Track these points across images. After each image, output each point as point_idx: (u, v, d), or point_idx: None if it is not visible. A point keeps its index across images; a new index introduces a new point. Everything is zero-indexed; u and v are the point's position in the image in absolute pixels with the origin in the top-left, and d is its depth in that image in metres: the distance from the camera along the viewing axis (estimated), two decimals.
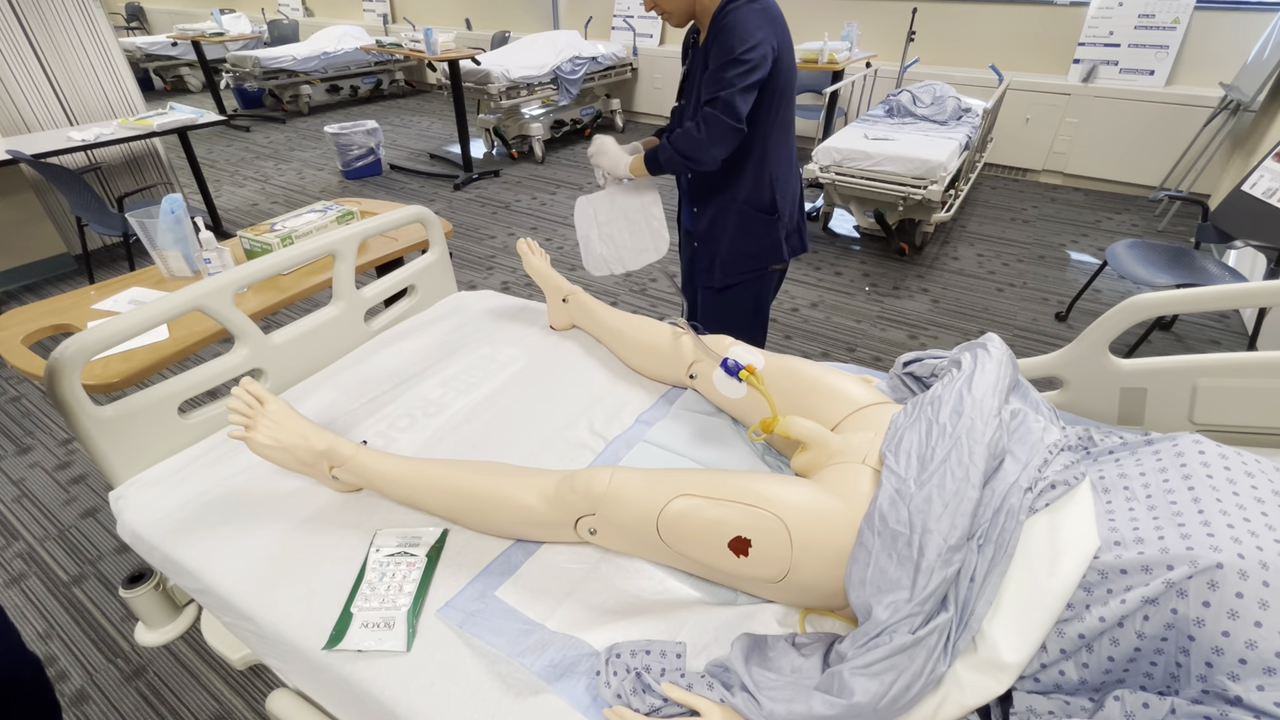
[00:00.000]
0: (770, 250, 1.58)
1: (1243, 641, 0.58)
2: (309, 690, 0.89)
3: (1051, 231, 3.80)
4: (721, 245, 1.60)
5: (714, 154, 1.39)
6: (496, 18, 6.90)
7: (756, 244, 1.57)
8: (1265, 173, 2.49)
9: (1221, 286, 1.08)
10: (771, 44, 1.35)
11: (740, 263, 1.61)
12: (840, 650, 0.71)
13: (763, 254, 1.59)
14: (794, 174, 1.57)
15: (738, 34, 1.32)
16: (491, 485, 0.96)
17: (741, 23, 1.33)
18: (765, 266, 1.61)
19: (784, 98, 1.44)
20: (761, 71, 1.34)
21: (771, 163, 1.50)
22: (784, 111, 1.46)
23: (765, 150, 1.48)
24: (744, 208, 1.54)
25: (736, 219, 1.56)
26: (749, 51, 1.32)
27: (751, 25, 1.33)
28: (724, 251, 1.60)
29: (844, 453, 0.90)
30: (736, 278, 1.63)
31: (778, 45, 1.36)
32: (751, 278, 1.64)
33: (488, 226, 3.92)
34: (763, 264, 1.61)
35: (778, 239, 1.56)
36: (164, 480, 1.08)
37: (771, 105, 1.42)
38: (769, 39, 1.34)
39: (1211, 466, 0.72)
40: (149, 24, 9.49)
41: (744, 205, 1.54)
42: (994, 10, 4.56)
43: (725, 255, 1.61)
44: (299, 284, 1.69)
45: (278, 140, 5.73)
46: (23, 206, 3.20)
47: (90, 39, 3.28)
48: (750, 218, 1.55)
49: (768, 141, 1.47)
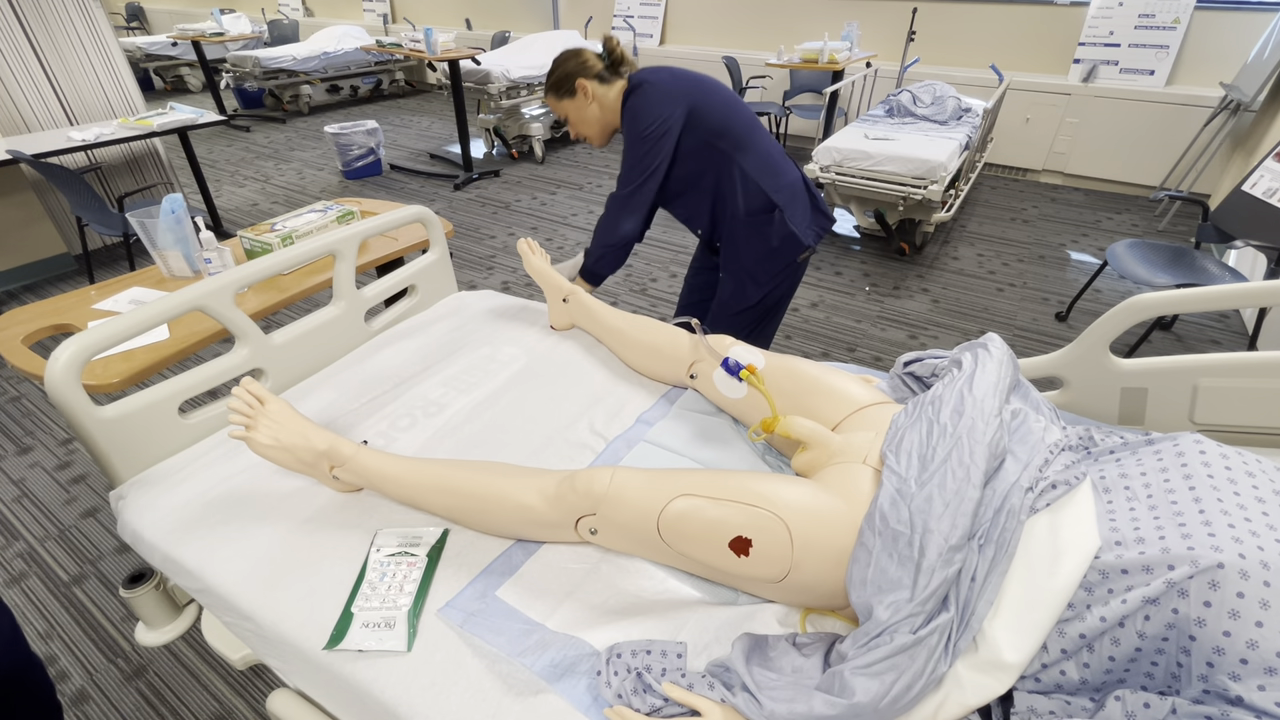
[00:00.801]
0: (788, 243, 1.59)
1: (1244, 641, 0.58)
2: (309, 690, 0.89)
3: (1052, 231, 3.80)
4: (745, 260, 1.64)
5: (625, 228, 1.55)
6: (496, 18, 6.90)
7: (771, 244, 1.60)
8: (1265, 172, 2.49)
9: (1221, 286, 1.08)
10: (675, 111, 1.47)
11: (767, 266, 1.63)
12: (841, 650, 0.71)
13: (783, 249, 1.60)
14: (779, 166, 1.59)
15: (637, 119, 1.48)
16: (492, 485, 0.95)
17: (637, 107, 1.48)
18: (792, 259, 1.63)
19: (725, 124, 1.51)
20: (668, 140, 1.47)
21: (750, 170, 1.54)
22: (734, 129, 1.52)
23: (736, 165, 1.53)
24: (747, 219, 1.58)
25: (745, 231, 1.60)
26: (649, 130, 1.46)
27: (648, 106, 1.47)
28: (749, 264, 1.64)
29: (845, 452, 0.90)
30: (770, 283, 1.66)
31: (691, 103, 1.48)
32: (783, 277, 1.66)
33: (488, 226, 3.92)
34: (789, 259, 1.62)
35: (789, 231, 1.57)
36: (164, 480, 1.08)
37: (714, 137, 1.51)
38: (671, 109, 1.47)
39: (1212, 466, 0.72)
40: (149, 24, 9.49)
41: (746, 218, 1.58)
42: (994, 10, 4.56)
43: (750, 267, 1.64)
44: (299, 284, 1.69)
45: (278, 140, 5.73)
46: (23, 206, 3.20)
47: (90, 39, 3.28)
48: (757, 224, 1.58)
49: (733, 159, 1.53)
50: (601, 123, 1.57)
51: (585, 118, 1.57)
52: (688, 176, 1.56)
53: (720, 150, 1.51)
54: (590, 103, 1.54)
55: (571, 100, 1.54)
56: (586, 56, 1.53)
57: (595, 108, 1.54)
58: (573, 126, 1.62)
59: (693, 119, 1.48)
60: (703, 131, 1.49)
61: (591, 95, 1.52)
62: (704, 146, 1.50)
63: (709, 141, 1.50)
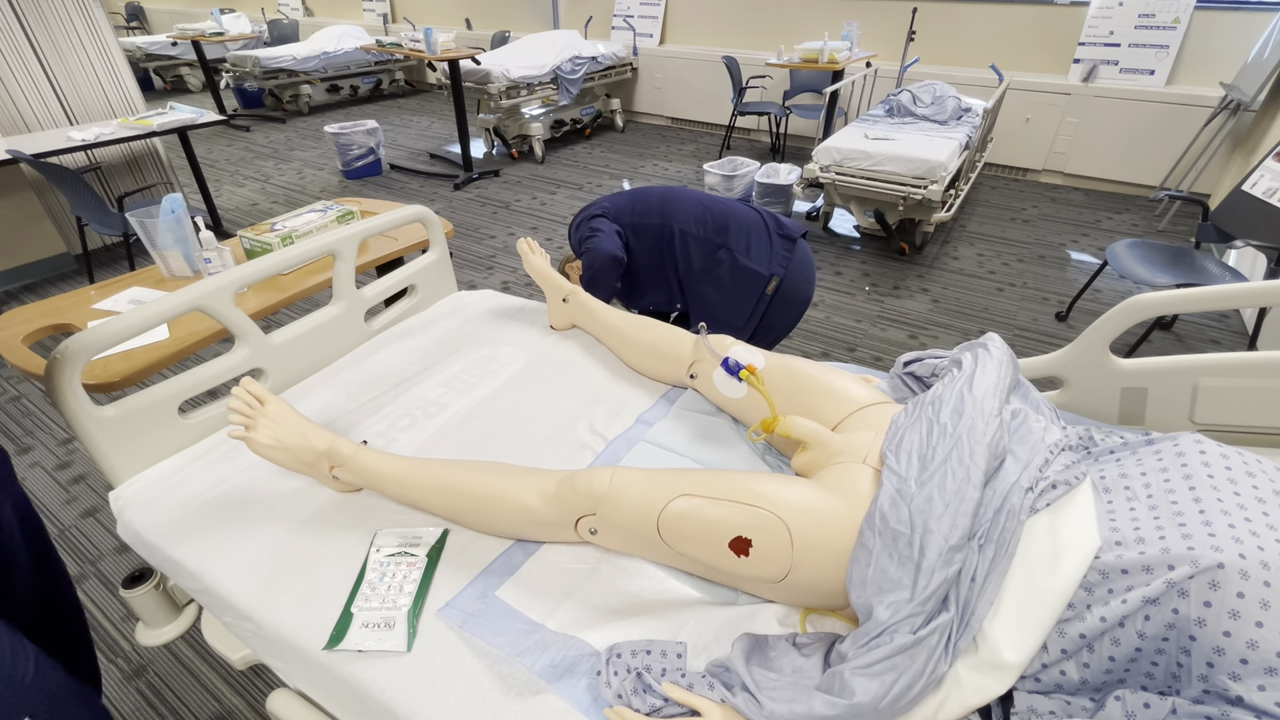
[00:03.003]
0: (746, 278, 1.62)
1: (1244, 641, 0.58)
2: (309, 690, 0.89)
3: (1052, 231, 3.80)
4: (711, 308, 1.69)
5: (605, 247, 1.67)
6: (496, 18, 6.90)
7: (726, 284, 1.64)
8: (1265, 172, 2.49)
9: (1221, 286, 1.08)
10: (598, 222, 1.70)
11: (734, 306, 1.66)
12: (841, 650, 0.71)
13: (742, 285, 1.63)
14: (720, 210, 1.66)
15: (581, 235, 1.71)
16: (492, 485, 0.95)
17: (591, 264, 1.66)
18: (759, 292, 1.63)
19: (650, 204, 1.72)
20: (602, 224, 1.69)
21: (690, 227, 1.66)
22: (664, 205, 1.70)
23: (675, 230, 1.67)
24: (701, 271, 1.67)
25: (700, 284, 1.69)
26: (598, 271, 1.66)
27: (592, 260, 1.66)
28: (716, 312, 1.68)
29: (844, 452, 0.90)
30: (746, 324, 1.66)
31: (610, 208, 1.73)
32: (758, 312, 1.66)
33: (488, 226, 3.92)
34: (755, 293, 1.63)
35: (742, 266, 1.61)
36: (164, 480, 1.08)
37: (643, 217, 1.71)
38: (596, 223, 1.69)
39: (1212, 466, 0.72)
40: (149, 24, 9.49)
41: (700, 271, 1.66)
42: (994, 10, 4.56)
43: (718, 314, 1.67)
44: (299, 284, 1.69)
45: (278, 140, 5.73)
46: (23, 206, 3.19)
47: (90, 39, 3.28)
48: (709, 269, 1.65)
49: (670, 227, 1.68)
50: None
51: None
52: (640, 267, 1.74)
53: (656, 225, 1.68)
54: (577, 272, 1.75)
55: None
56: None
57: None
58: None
59: (619, 216, 1.71)
60: (633, 218, 1.70)
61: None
62: (639, 229, 1.69)
63: (642, 223, 1.69)
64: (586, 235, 1.70)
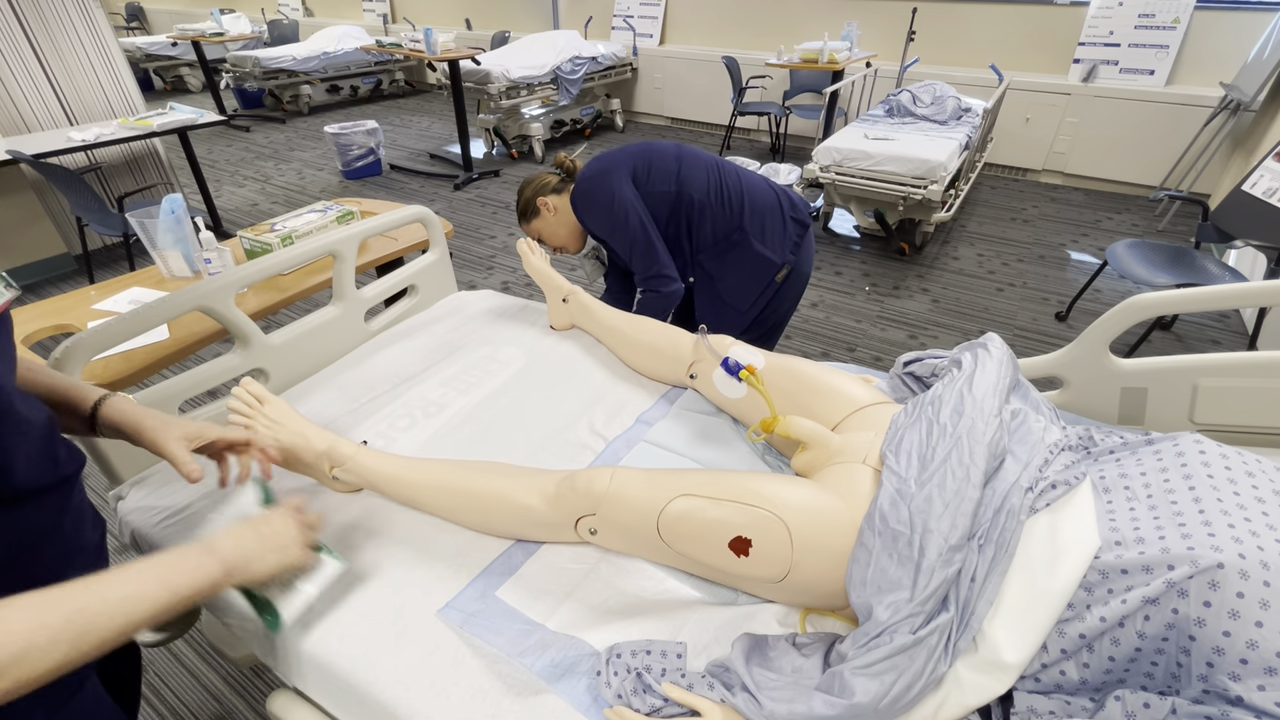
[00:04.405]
0: (760, 265, 1.59)
1: (1244, 641, 0.58)
2: (309, 690, 0.89)
3: (1051, 231, 3.80)
4: (720, 288, 1.64)
5: (671, 289, 1.57)
6: (496, 18, 6.90)
7: (742, 269, 1.60)
8: (1265, 172, 2.49)
9: (1221, 286, 1.08)
10: (617, 180, 1.52)
11: (743, 291, 1.63)
12: (841, 650, 0.71)
13: (756, 272, 1.60)
14: (743, 189, 1.59)
15: (588, 204, 1.55)
16: (492, 485, 0.95)
17: (583, 193, 1.55)
18: (769, 280, 1.61)
19: (670, 170, 1.56)
20: (628, 200, 1.51)
21: (710, 200, 1.56)
22: (683, 172, 1.56)
23: (694, 201, 1.55)
24: (714, 248, 1.60)
25: (714, 261, 1.62)
26: (610, 211, 1.51)
27: (592, 189, 1.54)
28: (724, 292, 1.64)
29: (844, 452, 0.90)
30: (751, 308, 1.64)
31: (631, 165, 1.55)
32: (764, 300, 1.64)
33: (488, 226, 3.92)
34: (765, 281, 1.61)
35: (756, 253, 1.58)
36: (164, 480, 1.08)
37: (663, 183, 1.55)
38: (614, 180, 1.52)
39: (1212, 466, 0.72)
40: (149, 24, 9.49)
41: (713, 246, 1.60)
42: (994, 10, 4.56)
43: (726, 294, 1.64)
44: (299, 284, 1.69)
45: (278, 140, 5.73)
46: (23, 206, 3.20)
47: (90, 39, 3.28)
48: (722, 250, 1.60)
49: (691, 197, 1.55)
50: (568, 227, 1.62)
51: (554, 230, 1.63)
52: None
53: (674, 193, 1.56)
54: (553, 214, 1.61)
55: (539, 218, 1.62)
56: (541, 177, 1.62)
57: (559, 217, 1.61)
58: (548, 241, 1.67)
59: (638, 176, 1.55)
60: (654, 183, 1.56)
61: (553, 207, 1.60)
62: (658, 195, 1.56)
63: (662, 189, 1.56)
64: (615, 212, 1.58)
